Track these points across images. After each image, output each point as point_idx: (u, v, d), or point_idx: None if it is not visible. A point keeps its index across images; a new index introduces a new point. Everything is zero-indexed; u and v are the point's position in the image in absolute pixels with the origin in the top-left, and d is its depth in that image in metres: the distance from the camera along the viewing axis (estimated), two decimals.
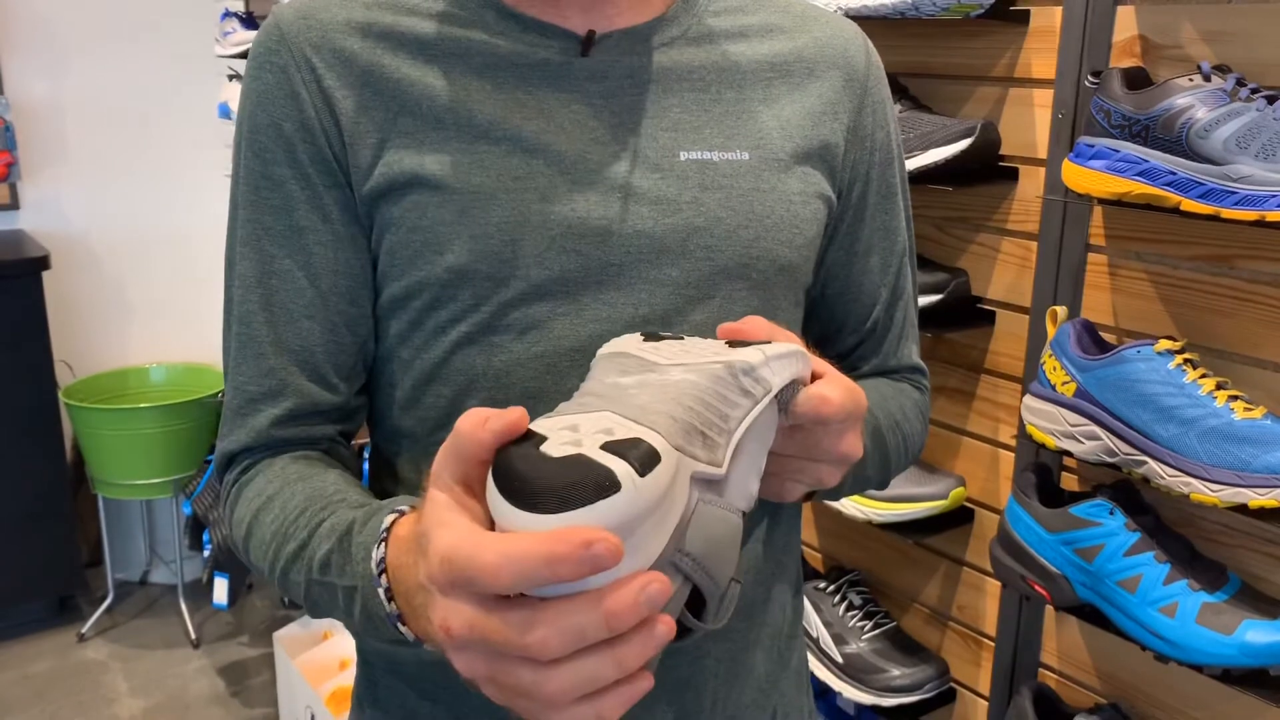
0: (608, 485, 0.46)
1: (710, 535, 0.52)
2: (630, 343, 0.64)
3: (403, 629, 0.57)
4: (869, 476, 0.81)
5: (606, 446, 0.48)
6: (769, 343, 0.63)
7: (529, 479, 0.47)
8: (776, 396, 0.60)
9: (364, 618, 0.62)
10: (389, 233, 0.72)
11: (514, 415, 0.49)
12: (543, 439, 0.49)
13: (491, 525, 0.49)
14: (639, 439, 0.49)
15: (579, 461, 0.47)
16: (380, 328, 0.76)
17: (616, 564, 0.45)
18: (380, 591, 0.58)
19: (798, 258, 0.78)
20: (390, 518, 0.59)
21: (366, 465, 0.87)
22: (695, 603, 0.53)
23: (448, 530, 0.48)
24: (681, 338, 0.66)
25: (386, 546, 0.58)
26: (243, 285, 0.75)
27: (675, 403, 0.54)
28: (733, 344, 0.63)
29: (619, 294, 0.73)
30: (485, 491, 0.49)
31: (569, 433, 0.50)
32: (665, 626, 0.47)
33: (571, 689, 0.46)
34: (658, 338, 0.65)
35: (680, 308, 0.74)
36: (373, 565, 0.58)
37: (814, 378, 0.66)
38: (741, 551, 0.79)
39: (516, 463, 0.48)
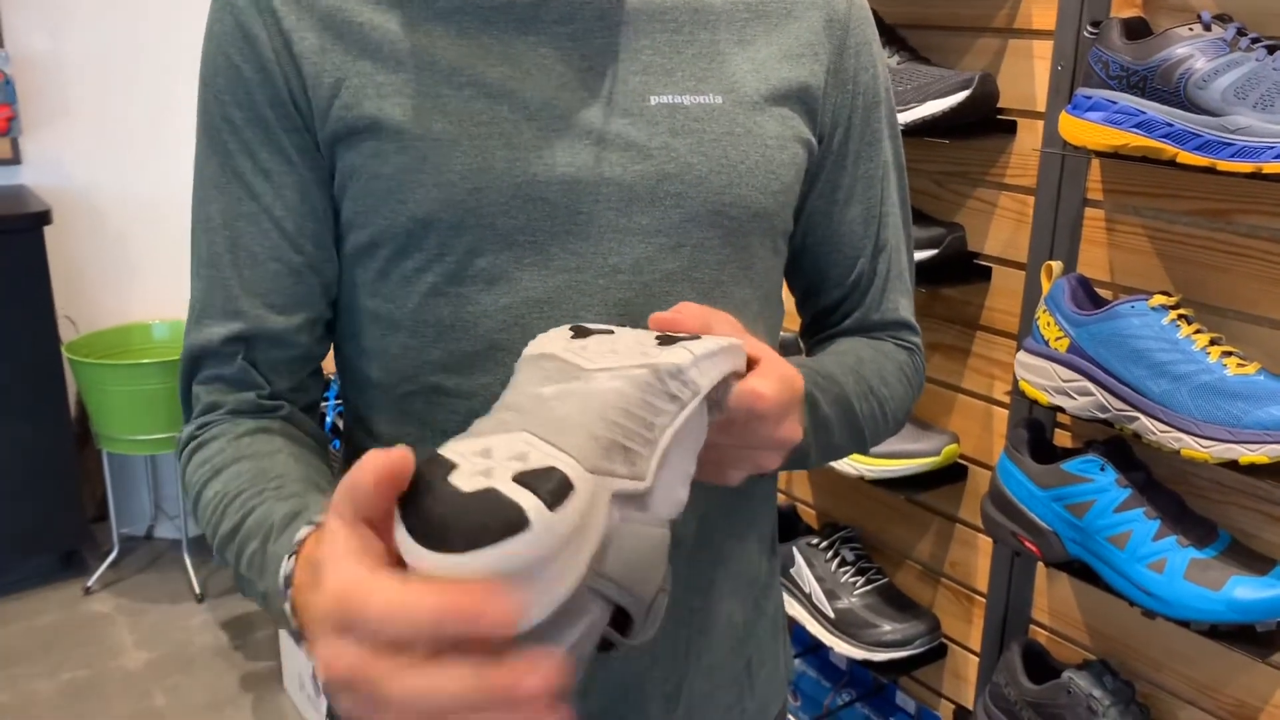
0: (516, 522, 0.43)
1: (631, 554, 0.50)
2: (557, 341, 0.61)
3: (304, 646, 0.55)
4: (839, 446, 0.79)
5: (518, 478, 0.46)
6: (698, 338, 0.61)
7: (434, 515, 0.45)
8: (707, 396, 0.58)
9: (278, 621, 0.61)
10: (351, 181, 0.71)
11: (396, 458, 0.46)
12: (453, 467, 0.47)
13: (398, 559, 0.47)
14: (552, 468, 0.46)
15: (487, 497, 0.45)
16: (346, 277, 0.75)
17: (512, 629, 0.43)
18: (286, 607, 0.56)
19: (774, 204, 0.77)
20: (304, 531, 0.57)
21: (336, 419, 0.87)
22: (621, 617, 0.51)
23: (341, 568, 0.46)
24: (612, 331, 0.63)
25: (295, 561, 0.56)
26: (210, 228, 0.74)
27: (597, 417, 0.52)
28: (663, 339, 0.61)
29: (587, 244, 0.71)
30: (390, 529, 0.47)
31: (481, 460, 0.47)
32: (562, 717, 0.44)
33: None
34: (586, 333, 0.62)
35: (651, 257, 0.73)
36: (280, 580, 0.57)
37: (750, 364, 0.64)
38: (714, 502, 0.79)
39: (423, 497, 0.46)
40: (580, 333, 0.62)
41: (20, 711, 2.57)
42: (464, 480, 0.46)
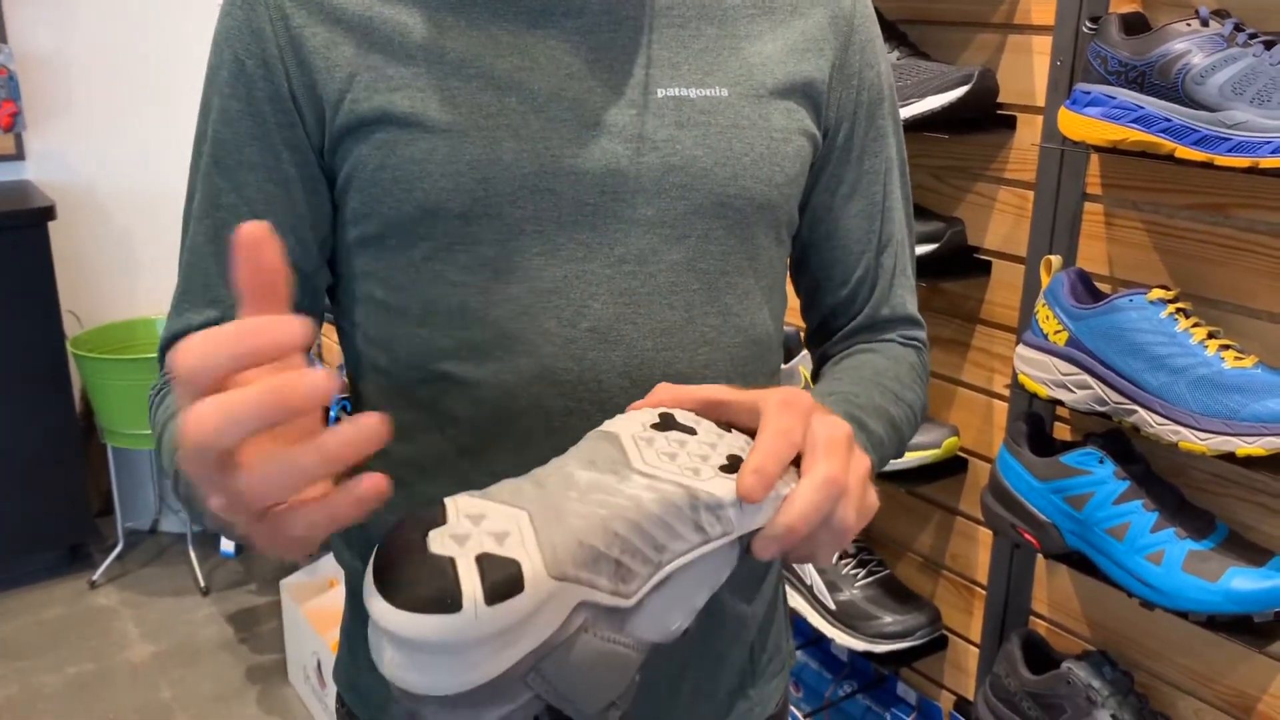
0: (449, 604, 0.46)
1: (581, 664, 0.50)
2: (632, 425, 0.59)
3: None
4: (888, 457, 0.80)
5: (480, 558, 0.48)
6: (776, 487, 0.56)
7: (391, 562, 0.48)
8: (743, 538, 0.56)
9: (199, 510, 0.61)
10: (359, 172, 0.72)
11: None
12: (440, 523, 0.50)
13: None
14: (513, 561, 0.48)
15: (439, 567, 0.47)
16: (355, 267, 0.77)
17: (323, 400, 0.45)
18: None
19: (778, 196, 0.78)
20: None
21: (341, 414, 0.88)
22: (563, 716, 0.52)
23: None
24: (695, 430, 0.59)
25: None
26: (195, 216, 0.76)
27: (600, 524, 0.51)
28: (732, 462, 0.57)
29: (593, 234, 0.73)
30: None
31: (468, 523, 0.50)
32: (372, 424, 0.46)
33: (272, 474, 0.46)
34: (669, 425, 0.60)
35: (656, 247, 0.74)
36: None
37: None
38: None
39: (395, 546, 0.49)
40: (664, 423, 0.60)
41: (27, 705, 2.59)
42: (437, 541, 0.49)
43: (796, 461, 0.58)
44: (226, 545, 3.20)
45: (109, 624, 2.94)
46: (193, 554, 3.18)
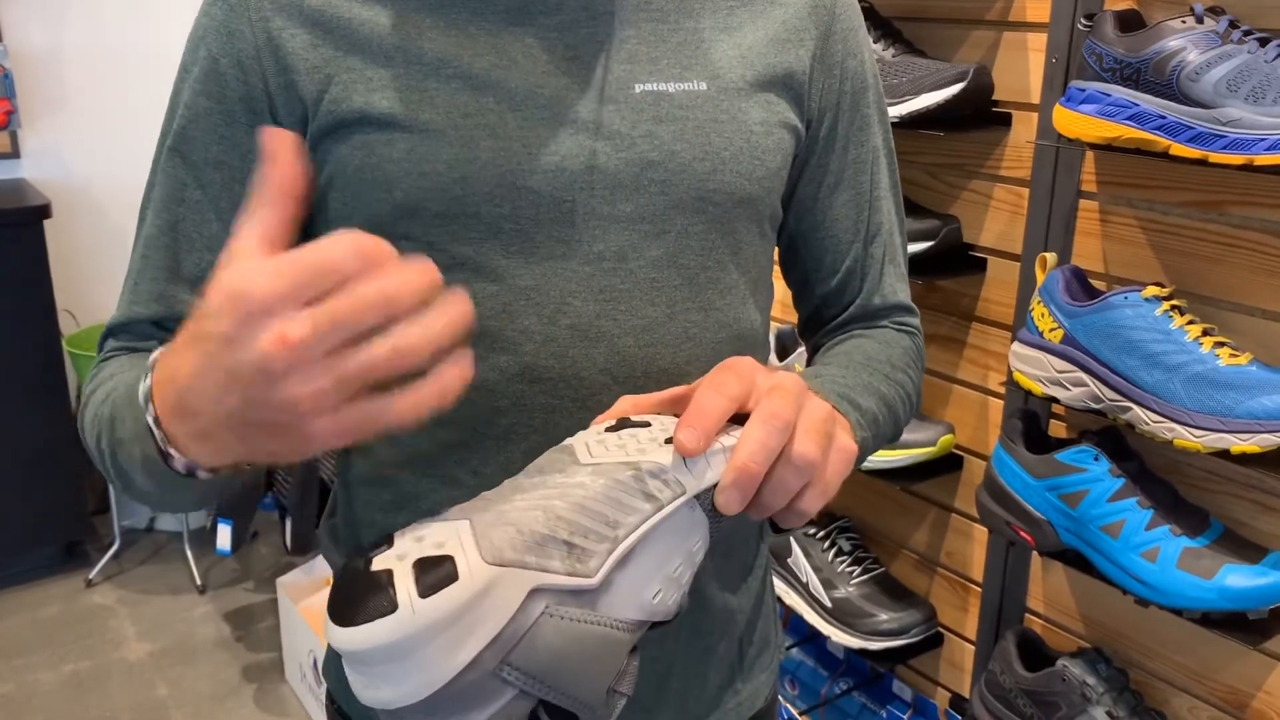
0: (386, 606, 0.48)
1: (557, 649, 0.50)
2: (589, 433, 0.60)
3: (151, 422, 0.56)
4: (884, 435, 0.79)
5: (417, 563, 0.50)
6: (726, 438, 0.57)
7: (338, 591, 0.51)
8: (698, 497, 0.56)
9: (145, 459, 0.60)
10: (340, 172, 0.72)
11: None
12: (387, 546, 0.52)
13: None
14: (447, 558, 0.50)
15: (377, 580, 0.50)
16: None
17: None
18: (149, 419, 0.56)
19: (759, 189, 0.77)
20: (156, 352, 0.59)
21: None
22: (565, 714, 0.53)
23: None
24: (649, 423, 0.60)
25: (152, 376, 0.57)
26: (154, 208, 0.76)
27: (541, 512, 0.52)
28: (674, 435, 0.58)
29: (572, 231, 0.72)
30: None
31: (412, 543, 0.52)
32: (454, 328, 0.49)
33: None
34: (623, 426, 0.60)
35: (635, 243, 0.74)
36: (140, 393, 0.57)
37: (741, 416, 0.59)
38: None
39: (343, 574, 0.52)
40: (618, 425, 0.60)
41: (23, 702, 2.59)
42: (379, 563, 0.51)
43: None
44: (222, 543, 3.20)
45: (105, 622, 2.93)
46: (189, 552, 3.17)
